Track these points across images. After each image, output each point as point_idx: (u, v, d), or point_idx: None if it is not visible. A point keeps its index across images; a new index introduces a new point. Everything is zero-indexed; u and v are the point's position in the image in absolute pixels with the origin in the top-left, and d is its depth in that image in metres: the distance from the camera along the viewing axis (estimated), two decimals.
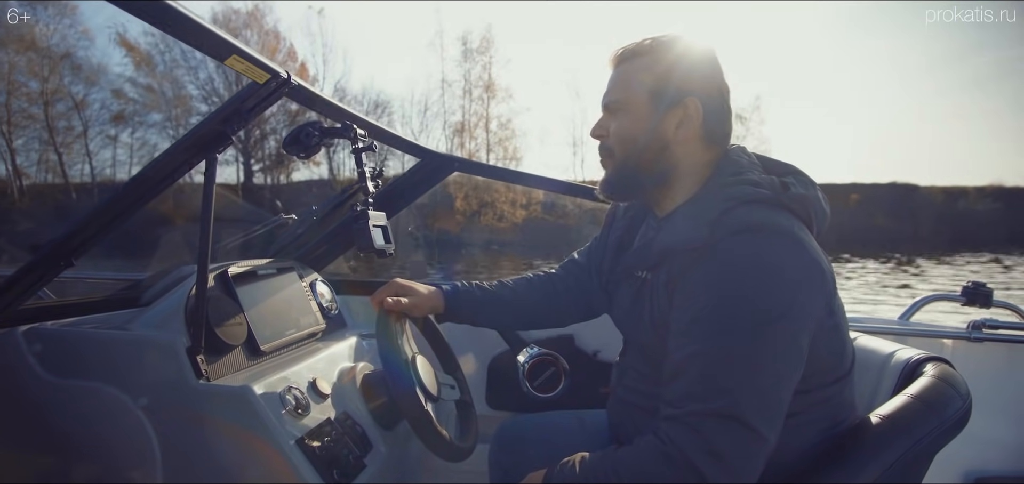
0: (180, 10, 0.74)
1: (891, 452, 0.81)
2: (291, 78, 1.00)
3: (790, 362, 0.78)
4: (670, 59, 0.91)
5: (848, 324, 0.92)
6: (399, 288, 1.15)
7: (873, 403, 0.93)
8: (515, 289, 1.21)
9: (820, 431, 0.87)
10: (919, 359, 0.98)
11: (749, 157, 0.95)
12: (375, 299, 1.14)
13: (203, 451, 1.01)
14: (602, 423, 1.17)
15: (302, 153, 1.22)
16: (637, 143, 0.93)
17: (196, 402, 1.00)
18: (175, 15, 0.74)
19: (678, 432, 0.76)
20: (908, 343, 1.09)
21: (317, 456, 1.02)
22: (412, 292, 1.15)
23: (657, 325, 0.90)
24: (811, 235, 0.87)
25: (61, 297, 1.50)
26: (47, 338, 1.07)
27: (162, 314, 1.10)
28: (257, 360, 1.19)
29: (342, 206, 1.49)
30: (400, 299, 1.12)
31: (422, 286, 1.17)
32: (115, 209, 1.04)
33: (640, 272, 0.96)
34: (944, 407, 0.86)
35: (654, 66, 0.92)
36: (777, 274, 0.78)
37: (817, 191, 0.92)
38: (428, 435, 1.04)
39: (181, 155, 1.03)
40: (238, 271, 1.26)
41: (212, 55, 0.84)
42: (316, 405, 1.12)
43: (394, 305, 1.11)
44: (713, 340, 0.77)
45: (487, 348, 1.80)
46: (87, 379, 1.04)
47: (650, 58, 0.92)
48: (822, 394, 0.87)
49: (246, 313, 1.21)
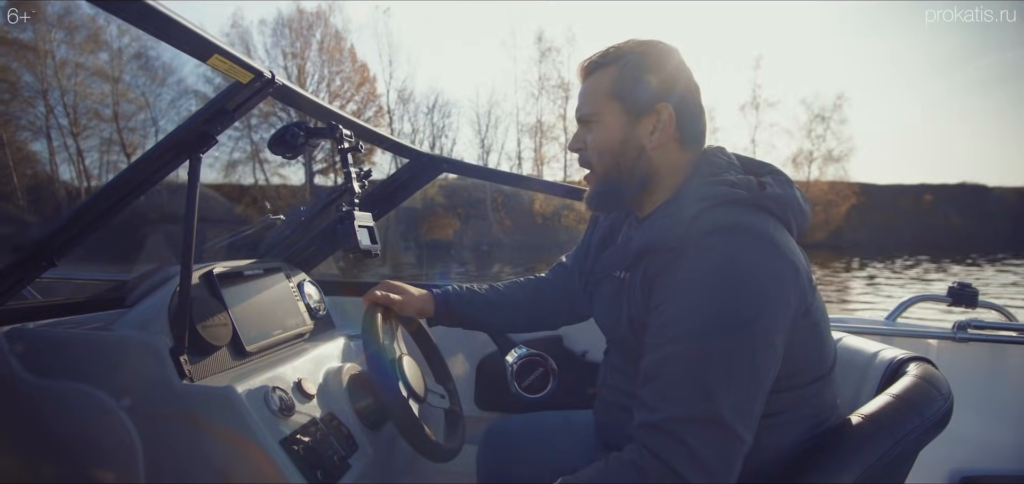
0: (160, 9, 0.74)
1: (872, 451, 0.82)
2: (275, 78, 1.00)
3: (765, 362, 0.78)
4: (637, 66, 0.91)
5: (829, 324, 0.93)
6: (392, 287, 1.16)
7: (857, 403, 0.93)
8: (504, 293, 1.23)
9: (802, 431, 0.88)
10: (902, 359, 0.99)
11: (727, 157, 0.95)
12: (367, 298, 1.15)
13: (186, 452, 1.01)
14: (589, 423, 1.17)
15: (288, 153, 1.22)
16: (614, 154, 0.94)
17: (179, 403, 1.00)
18: (155, 14, 0.74)
19: (658, 441, 0.76)
20: (893, 343, 1.10)
21: (301, 456, 1.01)
22: (402, 292, 1.17)
23: (635, 325, 0.90)
24: (789, 235, 0.87)
25: (47, 298, 1.49)
26: (29, 339, 1.06)
27: (146, 315, 1.10)
28: (242, 361, 1.18)
29: (330, 207, 1.49)
30: (389, 294, 1.13)
31: (413, 288, 1.18)
32: (97, 209, 1.04)
33: (618, 272, 0.96)
34: (926, 406, 0.86)
35: (622, 75, 0.92)
36: (751, 275, 0.78)
37: (795, 190, 0.92)
38: (412, 434, 1.04)
39: (164, 156, 1.02)
40: (223, 271, 1.25)
41: (194, 55, 0.84)
42: (301, 405, 1.12)
43: (382, 298, 1.13)
44: (689, 341, 0.77)
45: (476, 349, 1.79)
46: (69, 380, 1.03)
47: (616, 67, 0.92)
48: (802, 393, 0.87)
49: (231, 313, 1.20)
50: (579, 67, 0.98)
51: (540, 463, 1.15)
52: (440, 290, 1.20)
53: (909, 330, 1.70)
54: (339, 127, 1.20)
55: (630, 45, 0.94)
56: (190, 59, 0.84)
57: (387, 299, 1.14)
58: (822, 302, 0.91)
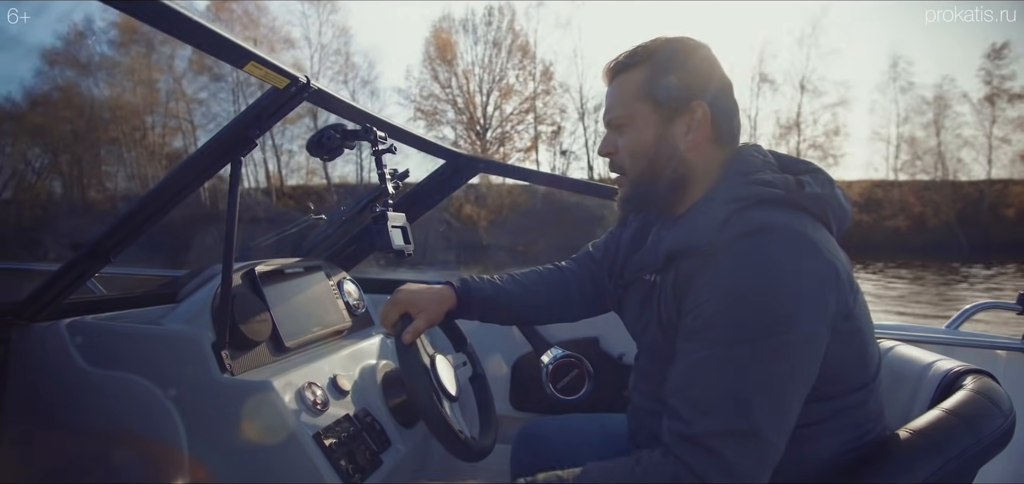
0: (198, 21, 0.77)
1: (922, 469, 0.77)
2: (310, 82, 1.03)
3: (802, 369, 0.75)
4: (668, 65, 0.88)
5: (873, 330, 0.87)
6: (409, 304, 1.07)
7: (908, 416, 0.87)
8: (525, 283, 1.19)
9: (842, 442, 0.83)
10: (959, 371, 0.92)
11: (763, 155, 0.91)
12: (385, 321, 1.08)
13: (225, 441, 1.05)
14: (623, 428, 1.15)
15: (326, 155, 1.25)
16: (648, 157, 0.90)
17: (219, 395, 1.05)
18: (193, 26, 0.77)
19: (693, 454, 0.73)
20: (955, 354, 1.03)
21: (332, 451, 1.04)
22: (424, 305, 1.08)
23: (666, 330, 0.87)
24: (829, 235, 0.83)
25: (110, 291, 1.60)
26: (87, 331, 1.13)
27: (191, 310, 1.15)
28: (281, 356, 1.22)
29: (369, 207, 1.52)
30: (416, 325, 1.05)
31: (430, 289, 1.13)
32: (147, 211, 1.10)
33: (649, 275, 0.94)
34: (982, 423, 0.80)
35: (653, 75, 0.89)
36: (788, 277, 0.74)
37: (836, 189, 0.87)
38: (444, 436, 1.04)
39: (207, 159, 1.07)
40: (265, 269, 1.30)
41: (230, 62, 0.87)
42: (335, 401, 1.15)
43: (412, 335, 1.04)
44: (722, 348, 0.74)
45: (512, 349, 1.80)
46: (122, 370, 1.10)
47: (646, 67, 0.89)
48: (842, 402, 0.82)
49: (272, 310, 1.24)
50: (605, 68, 0.94)
51: (573, 466, 1.13)
52: (459, 283, 1.15)
53: (972, 340, 1.56)
54: (373, 129, 1.22)
55: (658, 43, 0.90)
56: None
57: (417, 332, 1.05)
58: (866, 306, 0.86)
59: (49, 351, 1.13)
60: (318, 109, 1.22)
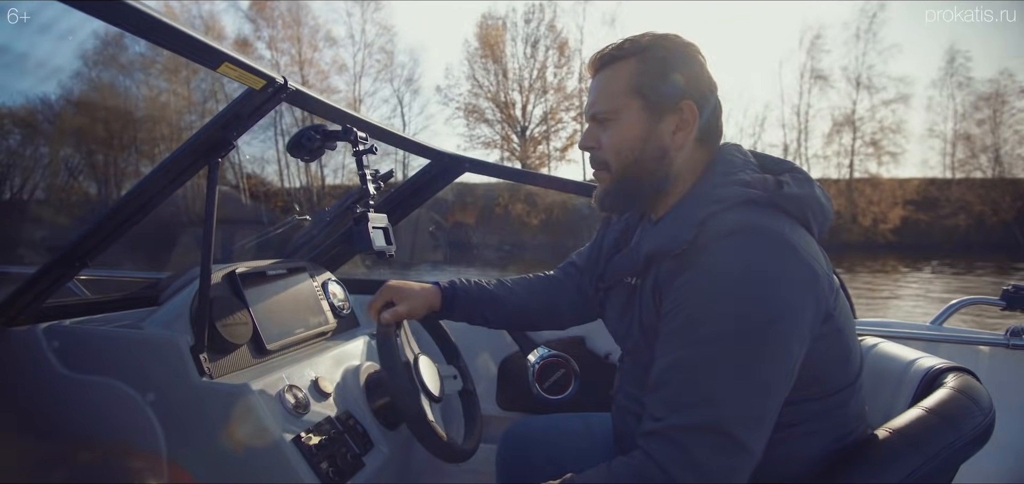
0: (165, 21, 0.76)
1: (901, 467, 0.77)
2: (288, 83, 1.02)
3: (779, 371, 0.74)
4: (661, 61, 0.87)
5: (855, 330, 0.87)
6: (394, 293, 1.13)
7: (890, 414, 0.87)
8: (513, 289, 1.20)
9: (825, 443, 0.83)
10: (940, 369, 0.92)
11: (744, 155, 0.91)
12: (372, 308, 1.12)
13: (204, 445, 1.04)
14: (609, 428, 1.15)
15: (306, 156, 1.24)
16: (634, 154, 0.89)
17: (197, 399, 1.03)
18: (160, 26, 0.76)
19: (659, 447, 0.73)
20: (938, 350, 1.03)
21: (313, 453, 1.03)
22: (408, 295, 1.13)
23: (647, 332, 0.87)
24: (809, 236, 0.82)
25: (95, 294, 1.58)
26: (64, 335, 1.12)
27: (170, 313, 1.14)
28: (263, 358, 1.21)
29: (351, 209, 1.51)
30: (397, 310, 1.10)
31: (417, 285, 1.16)
32: (122, 215, 1.08)
33: (629, 278, 0.93)
34: (963, 421, 0.80)
35: (644, 70, 0.87)
36: (765, 279, 0.74)
37: (815, 188, 0.86)
38: (427, 439, 1.03)
39: (184, 161, 1.06)
40: (245, 270, 1.29)
41: (202, 63, 0.86)
42: (317, 404, 1.14)
43: (392, 317, 1.08)
44: (696, 348, 0.74)
45: (499, 349, 1.79)
46: (100, 374, 1.09)
47: (637, 61, 0.88)
48: (824, 404, 0.82)
49: (252, 312, 1.23)
50: (591, 59, 0.93)
51: (559, 466, 1.13)
52: (447, 283, 1.17)
53: (955, 336, 1.56)
54: (354, 130, 1.21)
55: (649, 38, 0.89)
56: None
57: (395, 315, 1.09)
58: (847, 307, 0.86)
59: (26, 356, 1.11)
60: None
